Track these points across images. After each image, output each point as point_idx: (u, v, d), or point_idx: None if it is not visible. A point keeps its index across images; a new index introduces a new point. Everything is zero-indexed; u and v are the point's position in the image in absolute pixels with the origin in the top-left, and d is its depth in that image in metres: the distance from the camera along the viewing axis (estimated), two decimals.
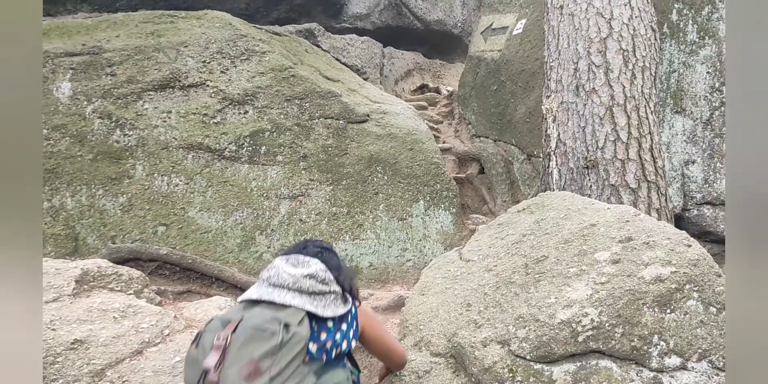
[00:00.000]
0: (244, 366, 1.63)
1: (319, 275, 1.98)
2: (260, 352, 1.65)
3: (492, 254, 3.22)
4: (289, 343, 1.72)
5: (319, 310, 1.91)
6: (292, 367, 1.71)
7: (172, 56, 4.64)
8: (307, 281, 1.95)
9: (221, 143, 4.51)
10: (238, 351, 1.66)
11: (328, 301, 1.97)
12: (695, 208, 4.41)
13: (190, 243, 4.25)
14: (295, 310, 1.85)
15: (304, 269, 1.98)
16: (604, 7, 3.97)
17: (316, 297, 1.94)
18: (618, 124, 3.72)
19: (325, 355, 1.89)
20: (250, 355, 1.65)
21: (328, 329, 1.94)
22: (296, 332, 1.76)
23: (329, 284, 2.00)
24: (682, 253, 2.31)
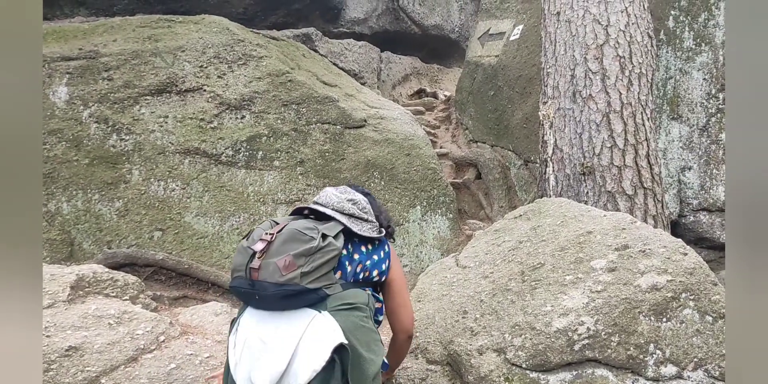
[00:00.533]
0: (282, 259, 1.83)
1: (361, 204, 2.18)
2: (298, 250, 1.84)
3: (488, 261, 3.21)
4: (323, 250, 1.89)
5: (355, 228, 2.09)
6: (322, 270, 1.88)
7: (169, 61, 4.64)
8: (348, 205, 2.14)
9: (218, 148, 4.50)
10: (280, 246, 1.86)
11: (364, 227, 2.15)
12: (691, 215, 4.41)
13: (187, 248, 4.24)
14: (334, 224, 2.03)
15: (349, 195, 2.19)
16: (600, 14, 3.98)
17: (354, 220, 2.13)
18: (615, 131, 3.73)
19: (353, 275, 2.08)
20: (289, 250, 1.85)
21: (362, 252, 2.12)
22: (331, 242, 1.93)
23: (368, 214, 2.19)
24: (678, 262, 2.32)
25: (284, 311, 1.87)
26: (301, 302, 1.87)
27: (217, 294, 4.18)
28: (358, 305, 1.96)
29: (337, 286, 1.94)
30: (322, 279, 1.89)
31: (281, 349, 1.80)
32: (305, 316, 1.85)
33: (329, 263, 1.90)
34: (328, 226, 2.00)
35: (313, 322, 1.84)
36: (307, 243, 1.88)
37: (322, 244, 1.90)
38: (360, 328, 1.93)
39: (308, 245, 1.87)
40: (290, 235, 1.89)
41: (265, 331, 1.85)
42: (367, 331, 1.95)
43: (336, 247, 1.93)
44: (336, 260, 1.93)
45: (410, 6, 8.20)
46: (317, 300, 1.88)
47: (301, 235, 1.90)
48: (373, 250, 2.17)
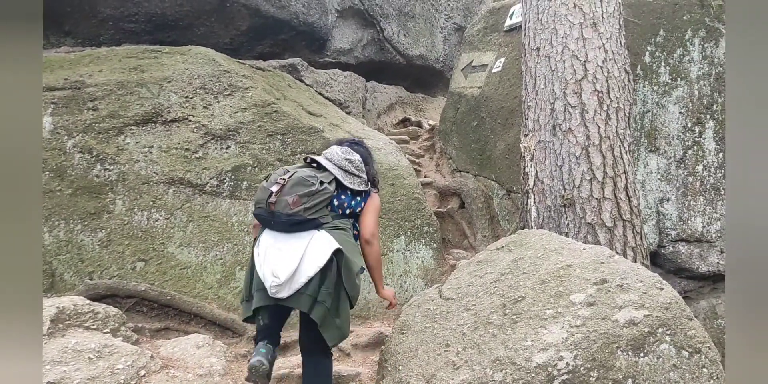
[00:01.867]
0: (291, 197, 2.67)
1: (355, 163, 2.96)
2: (302, 192, 2.68)
3: (471, 293, 3.24)
4: (320, 192, 2.73)
5: (345, 181, 2.89)
6: (319, 206, 2.73)
7: (155, 91, 4.68)
8: (345, 163, 2.93)
9: (203, 178, 4.52)
10: (290, 188, 2.69)
11: (354, 181, 2.92)
12: (670, 245, 4.49)
13: (169, 279, 4.22)
14: (329, 174, 2.86)
15: (348, 155, 2.96)
16: (579, 50, 4.09)
17: (347, 174, 2.91)
18: (594, 164, 3.80)
19: (340, 210, 2.90)
20: (296, 192, 2.69)
21: (348, 195, 2.92)
22: (326, 187, 2.77)
23: (360, 171, 2.96)
24: (654, 297, 2.36)
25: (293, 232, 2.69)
26: (304, 227, 2.70)
27: (200, 325, 4.14)
28: (343, 227, 2.85)
29: (328, 217, 2.79)
30: (319, 212, 2.74)
31: (293, 253, 2.62)
32: (308, 233, 2.70)
33: (324, 202, 2.76)
34: (324, 175, 2.84)
35: (315, 236, 2.70)
36: (308, 187, 2.70)
37: (320, 188, 2.73)
38: (346, 240, 2.79)
39: (309, 189, 2.70)
40: (297, 181, 2.72)
41: (281, 244, 2.68)
42: (350, 243, 2.82)
43: (329, 191, 2.78)
44: (329, 200, 2.79)
45: (395, 37, 8.35)
46: (316, 225, 2.72)
47: (305, 181, 2.72)
48: (356, 195, 2.95)
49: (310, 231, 2.71)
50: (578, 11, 4.16)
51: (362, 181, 2.95)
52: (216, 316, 4.14)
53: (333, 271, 2.67)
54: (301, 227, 2.70)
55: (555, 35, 4.21)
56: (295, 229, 2.70)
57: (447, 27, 9.50)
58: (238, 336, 4.14)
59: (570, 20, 4.18)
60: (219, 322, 4.15)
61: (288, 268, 2.58)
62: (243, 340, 4.10)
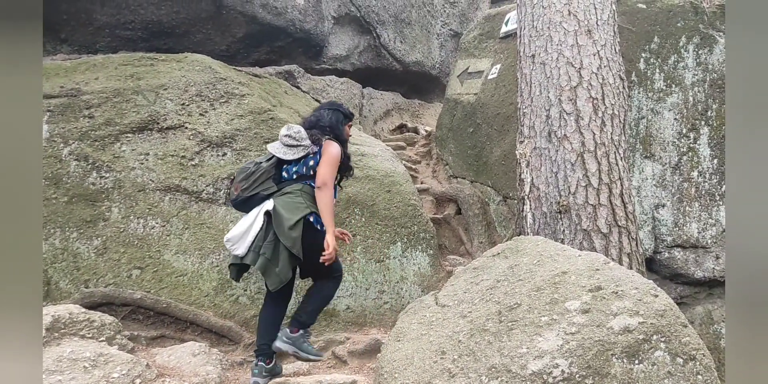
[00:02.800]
0: (234, 186, 3.41)
1: (294, 135, 3.43)
2: (240, 178, 3.39)
3: (467, 300, 3.24)
4: (254, 173, 3.37)
5: (285, 156, 3.43)
6: (258, 183, 3.35)
7: (151, 99, 4.69)
8: (285, 139, 3.44)
9: (199, 185, 4.52)
10: (236, 178, 3.44)
11: (295, 151, 3.42)
12: (666, 251, 4.49)
13: (165, 286, 4.21)
14: (269, 154, 3.48)
15: (287, 131, 3.45)
16: (574, 57, 4.11)
17: (288, 148, 3.43)
18: (589, 170, 3.81)
19: (290, 176, 3.46)
20: (237, 180, 3.40)
21: (296, 163, 3.45)
22: (262, 166, 3.40)
23: (301, 141, 3.43)
24: (649, 304, 2.36)
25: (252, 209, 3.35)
26: (251, 203, 3.36)
27: (196, 333, 4.13)
28: (289, 191, 3.36)
29: (273, 188, 3.38)
30: (258, 187, 3.35)
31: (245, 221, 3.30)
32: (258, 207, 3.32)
33: (261, 178, 3.36)
34: (265, 155, 3.52)
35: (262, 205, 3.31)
36: (244, 172, 3.39)
37: (253, 169, 3.38)
38: (287, 202, 3.30)
39: (244, 173, 3.39)
40: (239, 171, 3.47)
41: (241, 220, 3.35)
42: (292, 202, 3.31)
43: (263, 168, 3.39)
44: (267, 175, 3.39)
45: (391, 43, 8.38)
46: (261, 198, 3.34)
47: (244, 169, 3.44)
48: (305, 160, 3.43)
49: (260, 204, 3.33)
50: (573, 18, 4.19)
51: (303, 148, 3.42)
52: (212, 324, 4.13)
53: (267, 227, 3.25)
54: (249, 204, 3.37)
55: (550, 42, 4.23)
56: (246, 207, 3.38)
57: (443, 33, 9.54)
58: (234, 344, 4.13)
59: (565, 27, 4.20)
60: (215, 329, 4.13)
61: (236, 232, 3.29)
62: (239, 347, 4.09)
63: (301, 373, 3.72)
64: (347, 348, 4.09)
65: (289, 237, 3.18)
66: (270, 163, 3.42)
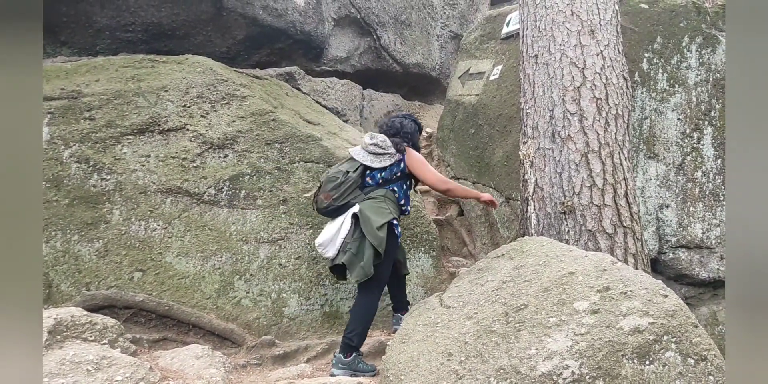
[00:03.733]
0: (324, 194, 3.71)
1: (379, 144, 3.78)
2: (329, 187, 3.68)
3: (472, 301, 3.22)
4: (344, 183, 3.67)
5: (374, 164, 3.76)
6: (347, 192, 3.67)
7: (152, 101, 4.66)
8: (371, 147, 3.80)
9: (200, 187, 4.49)
10: (324, 187, 3.73)
11: (382, 159, 3.75)
12: (670, 252, 4.47)
13: (167, 289, 4.18)
14: (357, 162, 3.79)
15: (373, 140, 3.80)
16: (577, 57, 4.10)
17: (375, 156, 3.78)
18: (593, 171, 3.80)
19: (377, 181, 3.78)
20: (326, 189, 3.70)
21: (381, 170, 3.77)
22: (350, 176, 3.71)
23: (386, 149, 3.77)
24: (659, 304, 2.34)
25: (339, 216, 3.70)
26: (341, 211, 3.69)
27: (198, 336, 4.10)
28: (374, 197, 3.69)
29: (361, 196, 3.72)
30: (348, 197, 3.68)
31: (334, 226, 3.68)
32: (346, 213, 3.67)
33: (351, 186, 3.69)
34: (353, 164, 3.79)
35: (348, 211, 3.66)
36: (334, 182, 3.67)
37: (343, 180, 3.67)
38: (373, 206, 3.64)
39: (334, 183, 3.66)
40: (327, 180, 3.75)
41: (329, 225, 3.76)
42: (377, 207, 3.64)
43: (352, 178, 3.70)
44: (357, 183, 3.73)
45: (392, 45, 8.36)
46: (350, 207, 3.67)
47: (332, 178, 3.71)
48: (390, 167, 3.77)
49: (347, 210, 3.68)
50: (576, 19, 4.18)
51: (391, 156, 3.77)
52: (215, 326, 4.10)
53: (355, 228, 3.61)
54: (339, 211, 3.70)
55: (553, 42, 4.22)
56: (335, 214, 3.72)
57: (443, 35, 9.52)
58: (237, 346, 4.10)
59: (568, 27, 4.19)
60: (218, 332, 4.11)
61: (326, 236, 3.68)
62: (242, 350, 4.06)
63: (305, 376, 3.69)
64: None
65: (377, 236, 3.52)
66: (357, 173, 3.74)
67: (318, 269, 4.54)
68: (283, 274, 4.46)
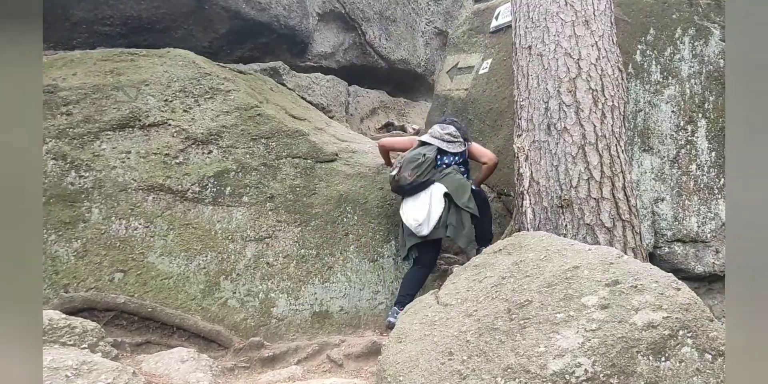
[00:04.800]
0: (407, 172, 4.28)
1: (453, 134, 4.48)
2: (412, 166, 4.27)
3: (471, 298, 3.10)
4: (424, 162, 4.29)
5: (451, 149, 4.46)
6: (427, 170, 4.29)
7: (132, 95, 4.48)
8: (446, 136, 4.47)
9: (184, 184, 4.32)
10: (405, 167, 4.30)
11: (453, 146, 4.46)
12: (666, 246, 4.40)
13: (150, 290, 4.01)
14: (433, 147, 4.43)
15: (447, 130, 4.50)
16: (572, 48, 4.00)
17: (449, 143, 4.45)
18: (591, 163, 3.70)
19: (448, 163, 4.43)
20: (409, 167, 4.28)
21: (448, 155, 4.46)
22: (429, 157, 4.33)
23: (457, 138, 4.49)
24: (672, 297, 2.24)
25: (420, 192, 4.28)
26: (423, 187, 4.28)
27: (183, 338, 3.93)
28: (449, 172, 4.35)
29: (439, 174, 4.34)
30: (429, 174, 4.30)
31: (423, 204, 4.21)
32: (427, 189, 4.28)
33: (429, 167, 4.31)
34: (430, 148, 4.42)
35: (432, 189, 4.26)
36: (416, 162, 4.28)
37: (423, 160, 4.29)
38: (453, 181, 4.30)
39: (416, 163, 4.27)
40: (409, 160, 4.33)
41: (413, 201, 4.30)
42: (457, 181, 4.31)
43: (430, 159, 4.33)
44: (434, 164, 4.36)
45: (377, 41, 8.24)
46: (429, 183, 4.28)
47: (413, 158, 4.32)
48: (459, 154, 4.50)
49: (428, 187, 4.27)
50: (570, 9, 4.08)
51: (460, 143, 4.49)
52: (200, 328, 3.94)
53: (448, 205, 4.22)
54: (419, 188, 4.28)
55: (547, 33, 4.12)
56: (415, 191, 4.29)
57: (428, 31, 9.42)
58: (223, 349, 3.94)
59: (562, 18, 4.10)
60: (203, 334, 3.94)
61: (422, 213, 4.18)
62: (229, 352, 3.90)
63: (295, 378, 3.55)
64: (343, 351, 3.92)
65: (470, 206, 4.23)
66: (433, 155, 4.36)
67: (307, 268, 4.39)
68: (270, 274, 4.30)
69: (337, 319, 4.34)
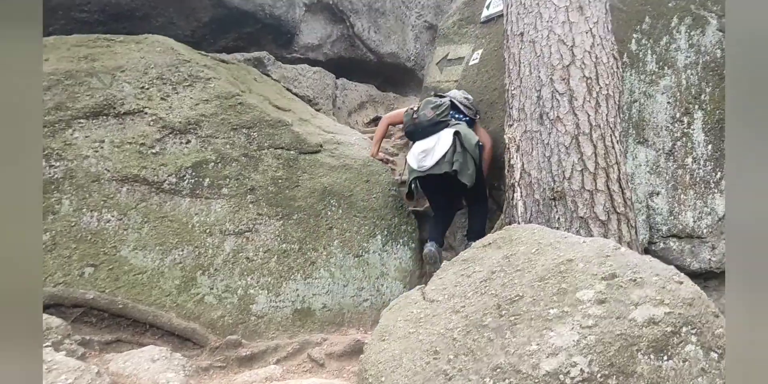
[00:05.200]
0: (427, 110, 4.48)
1: (470, 99, 4.86)
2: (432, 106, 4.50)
3: (458, 293, 2.94)
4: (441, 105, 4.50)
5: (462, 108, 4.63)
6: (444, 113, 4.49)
7: (106, 81, 4.28)
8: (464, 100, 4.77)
9: (160, 175, 4.13)
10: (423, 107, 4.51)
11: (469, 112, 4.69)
12: (661, 241, 4.25)
13: (122, 285, 3.81)
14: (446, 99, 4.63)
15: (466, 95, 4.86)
16: (565, 34, 3.84)
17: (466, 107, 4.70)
18: (585, 154, 3.54)
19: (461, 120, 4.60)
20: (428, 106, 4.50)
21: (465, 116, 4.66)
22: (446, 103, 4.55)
23: (473, 106, 4.78)
24: (674, 291, 2.08)
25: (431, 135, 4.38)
26: (438, 127, 4.38)
27: (156, 336, 3.74)
28: (461, 125, 4.44)
29: (452, 120, 4.48)
30: (446, 118, 4.44)
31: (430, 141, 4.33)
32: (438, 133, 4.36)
33: (446, 110, 4.47)
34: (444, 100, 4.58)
35: (443, 131, 4.35)
36: (434, 103, 4.47)
37: (440, 103, 4.49)
38: (463, 127, 4.40)
39: (435, 104, 4.48)
40: (426, 102, 4.54)
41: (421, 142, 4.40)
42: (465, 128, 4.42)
43: (447, 105, 4.51)
44: (449, 109, 4.51)
45: (365, 33, 8.05)
46: (445, 125, 4.39)
47: (431, 101, 4.53)
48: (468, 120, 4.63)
49: (440, 131, 4.35)
50: None
51: (473, 112, 4.71)
52: (174, 326, 3.74)
53: (457, 144, 4.25)
54: (437, 127, 4.37)
55: (540, 19, 3.96)
56: (432, 130, 4.38)
57: (418, 25, 9.24)
58: (199, 347, 3.75)
59: (555, 3, 3.93)
60: (178, 332, 3.75)
61: (429, 145, 4.30)
62: (205, 351, 3.71)
63: (274, 378, 3.37)
64: (324, 350, 3.74)
65: (476, 152, 4.29)
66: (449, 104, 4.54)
67: (289, 263, 4.21)
68: (250, 269, 4.11)
69: (320, 317, 4.16)
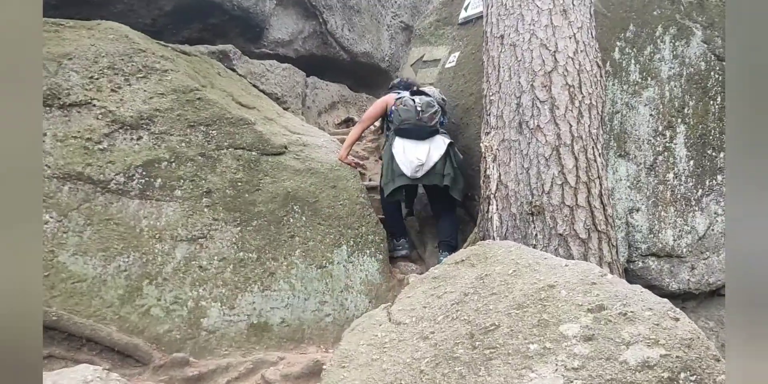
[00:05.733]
0: (428, 114, 4.40)
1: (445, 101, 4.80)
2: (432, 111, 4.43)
3: (428, 317, 2.69)
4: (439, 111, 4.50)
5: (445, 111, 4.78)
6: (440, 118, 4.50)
7: (51, 69, 3.91)
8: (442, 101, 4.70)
9: (106, 174, 3.78)
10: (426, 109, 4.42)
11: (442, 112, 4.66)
12: (640, 260, 4.07)
13: (58, 295, 3.45)
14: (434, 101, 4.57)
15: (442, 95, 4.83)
16: (548, 39, 3.63)
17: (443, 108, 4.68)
18: (565, 167, 3.33)
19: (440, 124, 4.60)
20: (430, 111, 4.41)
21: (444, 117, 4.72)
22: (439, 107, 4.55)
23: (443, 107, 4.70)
24: (670, 330, 1.85)
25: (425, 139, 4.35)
26: (433, 133, 4.38)
27: (93, 353, 3.38)
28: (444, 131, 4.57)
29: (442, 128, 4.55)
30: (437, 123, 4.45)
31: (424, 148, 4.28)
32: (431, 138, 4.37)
33: (440, 118, 4.48)
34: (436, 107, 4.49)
35: (434, 138, 4.38)
36: (434, 107, 4.45)
37: (438, 109, 4.47)
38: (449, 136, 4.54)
39: (435, 109, 4.45)
40: (427, 104, 4.43)
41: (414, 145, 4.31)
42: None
43: (440, 112, 4.51)
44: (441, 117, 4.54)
45: (339, 31, 7.77)
46: (435, 132, 4.39)
47: (432, 103, 4.46)
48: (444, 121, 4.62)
49: (432, 136, 4.35)
50: None
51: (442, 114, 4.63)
52: (115, 341, 3.40)
53: (450, 156, 4.30)
54: (432, 134, 4.36)
55: (521, 22, 3.74)
56: (427, 135, 4.34)
57: (394, 25, 9.00)
58: (141, 365, 3.41)
59: (538, 5, 3.73)
60: (119, 348, 3.40)
61: (423, 154, 4.21)
62: (148, 370, 3.38)
63: None
64: (280, 371, 3.44)
65: (462, 165, 4.42)
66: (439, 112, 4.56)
67: (245, 273, 3.90)
68: (203, 279, 3.79)
69: (277, 333, 3.86)
